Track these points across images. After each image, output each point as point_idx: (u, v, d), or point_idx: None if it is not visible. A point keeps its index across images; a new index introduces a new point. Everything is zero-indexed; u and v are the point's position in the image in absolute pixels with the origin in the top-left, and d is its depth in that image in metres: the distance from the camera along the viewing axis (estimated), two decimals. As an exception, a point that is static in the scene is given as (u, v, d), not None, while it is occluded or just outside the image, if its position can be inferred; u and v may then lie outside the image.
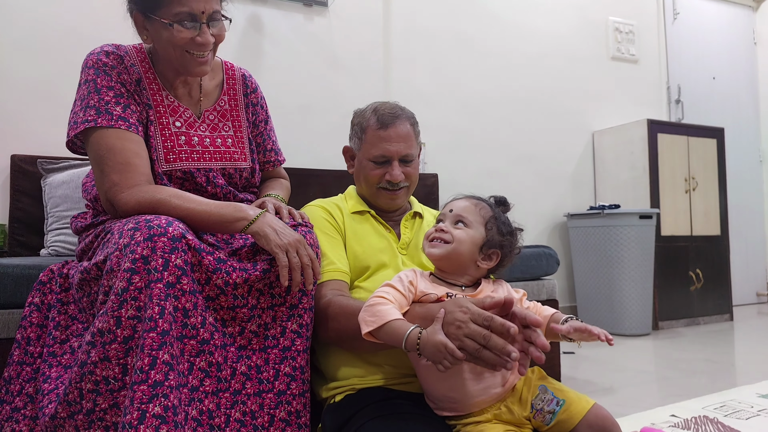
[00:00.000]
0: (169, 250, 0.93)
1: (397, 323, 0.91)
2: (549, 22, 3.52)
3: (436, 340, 0.86)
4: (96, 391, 0.90)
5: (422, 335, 0.88)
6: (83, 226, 1.20)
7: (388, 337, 0.91)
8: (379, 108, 1.27)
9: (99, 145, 1.09)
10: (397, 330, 0.90)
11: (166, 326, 0.89)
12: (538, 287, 2.05)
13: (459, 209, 1.06)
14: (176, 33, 1.11)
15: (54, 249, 1.93)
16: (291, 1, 2.74)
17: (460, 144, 3.18)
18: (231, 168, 1.26)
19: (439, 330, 0.87)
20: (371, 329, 0.92)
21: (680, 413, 1.63)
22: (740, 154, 4.26)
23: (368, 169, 1.27)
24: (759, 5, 4.46)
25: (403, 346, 0.89)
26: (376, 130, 1.25)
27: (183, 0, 1.09)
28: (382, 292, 0.97)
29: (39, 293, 1.13)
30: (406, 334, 0.88)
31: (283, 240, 1.04)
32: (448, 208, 1.08)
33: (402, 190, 1.29)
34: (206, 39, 1.14)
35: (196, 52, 1.15)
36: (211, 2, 1.13)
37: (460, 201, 1.08)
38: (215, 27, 1.16)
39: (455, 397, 0.97)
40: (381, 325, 0.91)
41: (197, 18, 1.12)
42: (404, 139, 1.26)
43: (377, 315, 0.92)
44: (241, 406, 1.00)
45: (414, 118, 1.31)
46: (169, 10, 1.10)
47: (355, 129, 1.31)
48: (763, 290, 4.34)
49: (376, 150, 1.25)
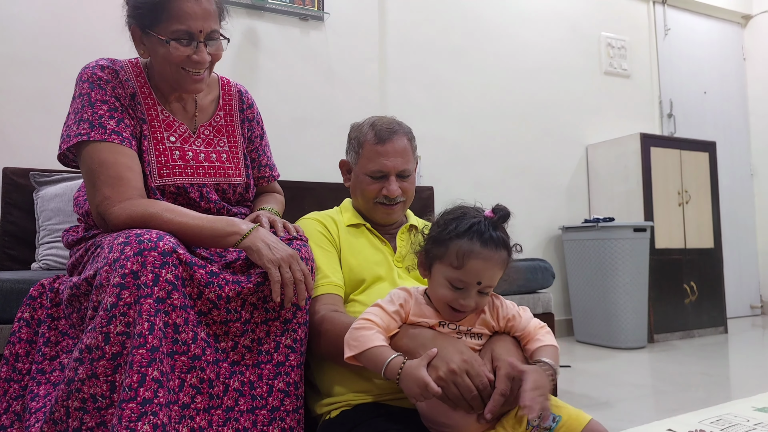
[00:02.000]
0: (159, 264, 0.92)
1: (378, 350, 0.92)
2: (543, 38, 3.56)
3: (418, 375, 0.86)
4: (83, 409, 0.88)
5: (404, 366, 0.88)
6: (75, 240, 1.19)
7: (369, 363, 0.92)
8: (377, 123, 1.27)
9: (91, 159, 1.09)
10: (377, 357, 0.91)
11: (155, 342, 0.88)
12: (534, 300, 2.04)
13: (489, 281, 0.94)
14: (173, 50, 1.11)
15: (45, 263, 1.91)
16: (287, 15, 2.76)
17: (455, 157, 3.19)
18: (225, 183, 1.25)
19: (422, 366, 0.87)
20: (353, 354, 0.93)
21: (677, 427, 1.62)
22: (732, 167, 4.30)
23: (365, 183, 1.27)
24: (747, 22, 4.54)
25: (383, 373, 0.89)
26: (374, 144, 1.25)
27: (181, 18, 1.10)
28: (370, 314, 0.97)
29: (29, 308, 1.12)
30: (386, 362, 0.89)
31: (275, 255, 1.03)
32: (476, 278, 0.93)
33: (399, 205, 1.29)
34: (203, 58, 1.14)
35: (192, 69, 1.15)
36: (209, 21, 1.13)
37: (490, 267, 0.94)
38: (212, 46, 1.16)
39: (448, 423, 0.96)
40: (362, 351, 0.92)
41: (195, 37, 1.12)
42: (401, 154, 1.26)
43: (359, 340, 0.93)
44: (233, 423, 0.98)
45: (411, 133, 1.31)
46: (167, 27, 1.10)
47: (352, 143, 1.31)
48: (756, 303, 4.35)
49: (373, 165, 1.25)
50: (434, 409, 0.96)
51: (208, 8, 1.13)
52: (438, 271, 0.97)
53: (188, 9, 1.09)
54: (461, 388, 0.87)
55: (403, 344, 0.96)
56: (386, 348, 0.92)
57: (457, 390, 0.88)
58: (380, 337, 0.94)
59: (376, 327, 0.95)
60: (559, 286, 3.45)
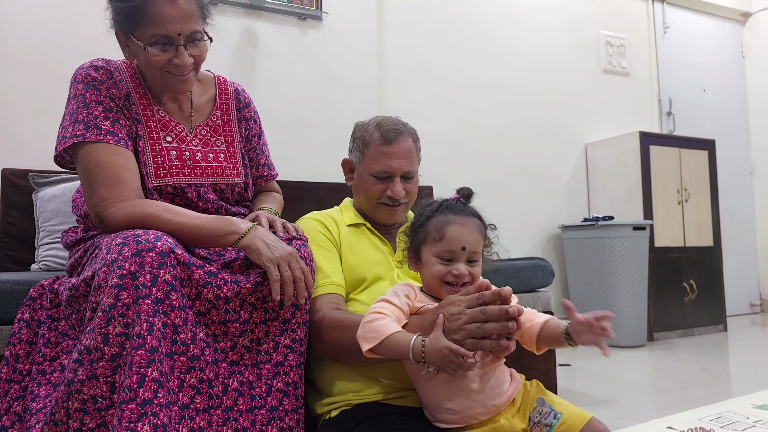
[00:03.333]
0: (157, 265, 0.92)
1: (398, 336, 0.91)
2: (542, 36, 3.56)
3: (440, 345, 0.87)
4: (83, 410, 0.88)
5: (426, 343, 0.88)
6: (74, 241, 1.19)
7: (391, 351, 0.91)
8: (383, 123, 1.27)
9: (88, 160, 1.09)
10: (399, 342, 0.90)
11: (154, 343, 0.88)
12: (534, 299, 2.05)
13: (473, 245, 0.98)
14: (152, 56, 1.09)
15: (45, 264, 1.91)
16: (285, 15, 2.76)
17: (454, 156, 3.19)
18: (222, 183, 1.25)
19: (440, 335, 0.88)
20: (372, 346, 0.91)
21: (677, 425, 1.63)
22: (731, 165, 4.30)
23: (369, 183, 1.26)
24: (746, 19, 4.54)
25: (410, 356, 0.89)
26: (380, 145, 1.25)
27: (158, 22, 1.07)
28: (378, 308, 0.97)
29: (29, 309, 1.12)
30: (411, 345, 0.89)
31: (274, 254, 1.03)
32: (459, 243, 0.97)
33: (402, 206, 1.30)
34: (183, 61, 1.11)
35: (175, 72, 1.13)
36: (189, 23, 1.10)
37: (468, 231, 0.98)
38: (195, 47, 1.13)
39: (454, 409, 0.96)
40: (382, 341, 0.91)
41: (174, 40, 1.09)
42: (407, 155, 1.26)
43: (376, 330, 0.92)
44: (233, 423, 0.98)
45: (416, 135, 1.31)
46: (146, 31, 1.08)
47: (357, 142, 1.30)
48: (756, 300, 4.35)
49: (378, 165, 1.25)
50: (438, 393, 0.96)
51: (187, 9, 1.09)
52: (425, 253, 1.01)
53: (164, 12, 1.06)
54: (473, 318, 0.88)
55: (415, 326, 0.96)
56: (404, 333, 0.92)
57: (474, 323, 0.88)
58: (395, 324, 0.93)
59: (388, 316, 0.95)
60: (558, 285, 3.45)
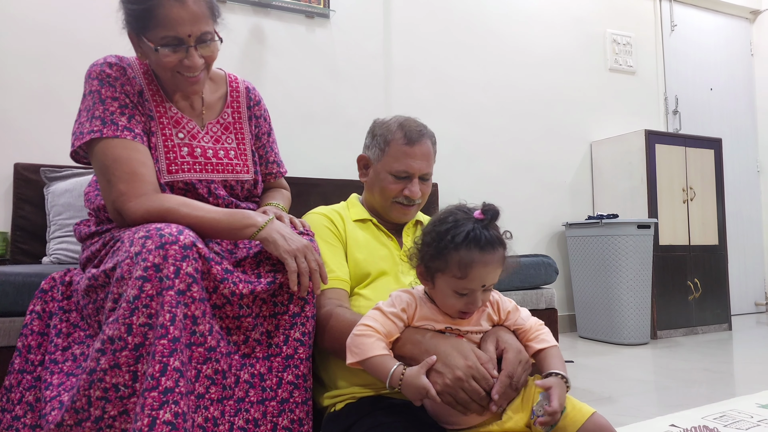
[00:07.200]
0: (180, 258, 0.93)
1: (380, 360, 0.94)
2: (548, 34, 3.56)
3: (419, 384, 0.90)
4: (105, 399, 0.90)
5: (404, 375, 0.91)
6: (87, 234, 1.21)
7: (372, 372, 0.96)
8: (405, 124, 1.28)
9: (105, 156, 1.10)
10: (379, 367, 0.94)
11: (177, 333, 0.90)
12: (537, 296, 2.06)
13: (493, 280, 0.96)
14: (162, 57, 1.10)
15: (56, 257, 1.94)
16: (293, 13, 2.77)
17: (459, 153, 3.20)
18: (233, 180, 1.26)
19: (422, 374, 0.91)
20: (355, 360, 0.96)
21: (680, 423, 1.63)
22: (738, 164, 4.28)
23: (387, 182, 1.28)
24: (756, 17, 4.51)
25: (387, 384, 0.92)
26: (402, 145, 1.26)
27: (168, 24, 1.08)
28: (371, 320, 0.99)
29: (40, 301, 1.14)
30: (389, 374, 0.92)
31: (291, 246, 1.06)
32: (480, 282, 0.95)
33: (415, 206, 1.32)
34: (194, 62, 1.12)
35: (186, 73, 1.14)
36: (199, 24, 1.10)
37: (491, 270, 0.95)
38: (205, 49, 1.13)
39: (455, 421, 0.98)
40: (363, 359, 0.95)
41: (184, 41, 1.10)
42: (427, 157, 1.28)
43: (361, 348, 0.96)
44: (244, 414, 1.00)
45: (434, 137, 1.33)
46: (156, 33, 1.09)
47: (377, 139, 1.30)
48: (761, 300, 4.34)
49: (399, 165, 1.26)
50: (441, 406, 0.98)
51: (197, 11, 1.09)
52: (442, 282, 0.97)
53: (174, 15, 1.07)
54: (469, 392, 0.92)
55: (406, 351, 0.99)
56: (387, 357, 0.95)
57: (465, 395, 0.92)
58: (381, 344, 0.96)
59: (376, 334, 0.97)
60: (562, 282, 3.46)
